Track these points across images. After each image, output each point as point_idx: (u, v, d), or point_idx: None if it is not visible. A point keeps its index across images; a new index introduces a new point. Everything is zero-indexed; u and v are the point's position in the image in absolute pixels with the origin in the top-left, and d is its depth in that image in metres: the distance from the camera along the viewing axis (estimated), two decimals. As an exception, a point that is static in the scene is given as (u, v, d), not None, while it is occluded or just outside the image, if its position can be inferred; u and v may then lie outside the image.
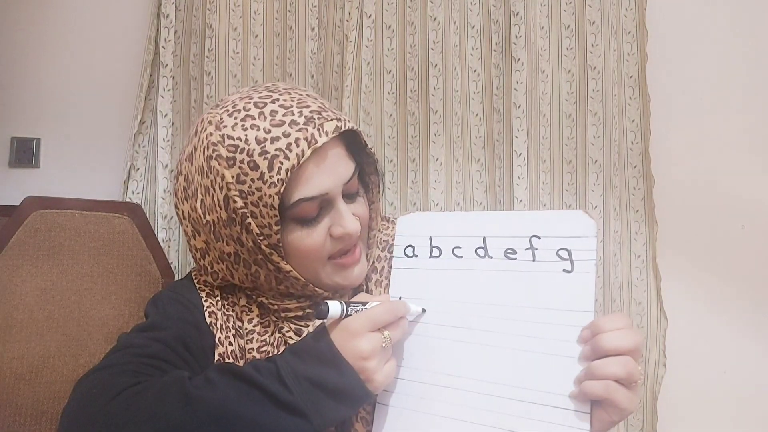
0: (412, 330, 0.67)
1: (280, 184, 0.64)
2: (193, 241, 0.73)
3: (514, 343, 0.62)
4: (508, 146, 1.27)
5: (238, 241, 0.68)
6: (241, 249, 0.69)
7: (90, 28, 1.42)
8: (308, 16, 1.34)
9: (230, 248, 0.69)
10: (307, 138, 0.64)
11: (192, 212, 0.70)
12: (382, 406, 0.66)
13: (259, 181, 0.64)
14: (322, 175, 0.66)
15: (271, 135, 0.64)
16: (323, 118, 0.67)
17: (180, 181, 0.72)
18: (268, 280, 0.71)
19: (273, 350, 0.72)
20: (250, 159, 0.64)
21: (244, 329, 0.73)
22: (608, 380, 0.55)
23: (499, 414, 0.60)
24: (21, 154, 1.40)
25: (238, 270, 0.71)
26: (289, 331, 0.72)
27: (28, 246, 1.08)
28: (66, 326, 1.09)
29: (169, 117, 1.33)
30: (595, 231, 0.61)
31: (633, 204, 1.27)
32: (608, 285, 1.24)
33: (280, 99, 0.67)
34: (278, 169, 0.63)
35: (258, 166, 0.64)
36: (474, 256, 0.66)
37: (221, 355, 0.70)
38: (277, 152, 0.64)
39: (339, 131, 0.67)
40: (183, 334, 0.70)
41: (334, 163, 0.68)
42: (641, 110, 1.26)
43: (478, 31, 1.31)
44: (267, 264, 0.69)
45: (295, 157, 0.64)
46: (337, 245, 0.70)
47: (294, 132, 0.64)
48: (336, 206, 0.69)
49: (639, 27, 1.26)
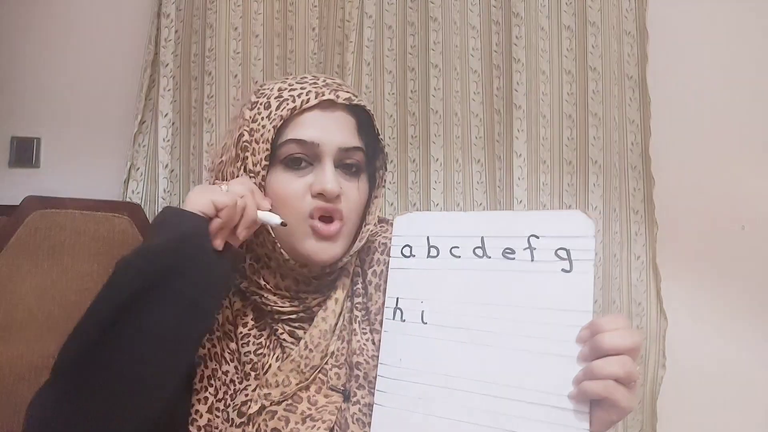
0: (410, 331, 0.67)
1: (278, 120, 0.69)
2: None
3: (513, 343, 0.62)
4: (508, 147, 1.27)
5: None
6: None
7: (90, 28, 1.42)
8: (309, 16, 1.34)
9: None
10: (317, 92, 0.71)
11: (215, 159, 0.77)
12: (379, 407, 0.66)
13: (266, 119, 0.70)
14: (319, 127, 0.70)
15: (291, 87, 0.72)
16: (341, 89, 0.72)
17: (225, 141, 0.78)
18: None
19: (269, 352, 0.72)
20: (267, 101, 0.71)
21: (239, 333, 0.73)
22: (607, 380, 0.55)
23: (498, 414, 0.60)
24: (21, 153, 1.40)
25: None
26: (283, 333, 0.72)
27: (28, 245, 1.08)
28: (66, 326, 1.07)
29: (169, 117, 1.34)
30: (594, 231, 0.61)
31: (633, 205, 1.27)
32: (608, 285, 1.24)
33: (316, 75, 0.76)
34: (283, 108, 0.70)
35: (270, 106, 0.71)
36: (472, 255, 0.66)
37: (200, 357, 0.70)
38: (288, 97, 0.71)
39: (350, 102, 0.72)
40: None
41: (337, 125, 0.72)
42: (641, 111, 1.26)
43: (478, 31, 1.31)
44: None
45: (300, 102, 0.70)
46: (315, 203, 0.70)
47: (310, 87, 0.72)
48: (323, 164, 0.70)
49: (639, 28, 1.27)
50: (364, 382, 0.71)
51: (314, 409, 0.71)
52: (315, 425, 0.71)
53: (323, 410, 0.71)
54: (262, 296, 0.73)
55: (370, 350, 0.73)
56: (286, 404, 0.70)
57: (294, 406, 0.70)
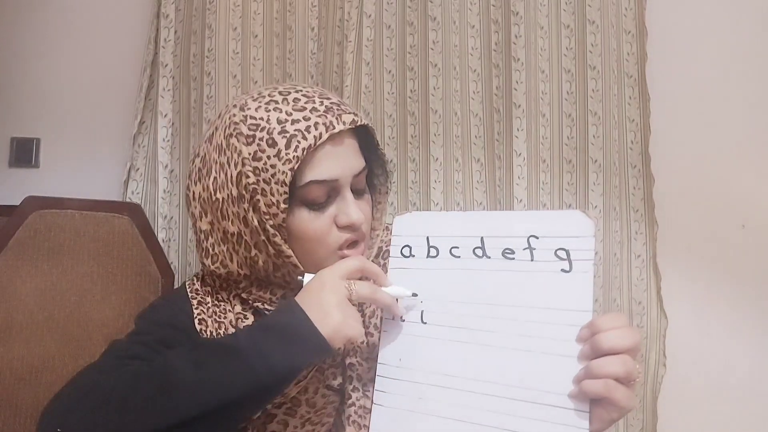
0: (410, 330, 0.67)
1: (294, 161, 0.65)
2: (199, 222, 0.73)
3: (513, 342, 0.62)
4: (507, 146, 1.27)
5: (243, 220, 0.68)
6: (245, 229, 0.69)
7: (90, 28, 1.42)
8: (308, 16, 1.34)
9: (234, 228, 0.70)
10: (325, 123, 0.67)
11: (203, 192, 0.71)
12: (378, 407, 0.66)
13: (274, 158, 0.66)
14: (334, 162, 0.68)
15: (292, 117, 0.67)
16: (342, 110, 0.69)
17: (196, 163, 0.73)
18: (266, 266, 0.71)
19: None
20: (269, 137, 0.66)
21: None
22: (607, 379, 0.55)
23: (498, 414, 0.60)
24: (21, 154, 1.40)
25: (239, 253, 0.71)
26: None
27: (28, 246, 1.08)
28: (66, 327, 1.09)
29: (168, 117, 1.34)
30: (593, 231, 0.61)
31: (633, 204, 1.27)
32: (608, 285, 1.24)
33: (303, 90, 0.71)
34: (295, 147, 0.65)
35: (276, 143, 0.66)
36: (472, 256, 0.66)
37: None
38: (296, 132, 0.66)
39: (355, 124, 0.70)
40: (167, 337, 0.71)
41: (347, 154, 0.70)
42: (641, 110, 1.26)
43: (477, 30, 1.31)
44: (268, 246, 0.69)
45: (312, 138, 0.66)
46: (342, 236, 0.70)
47: (314, 117, 0.67)
48: (343, 195, 0.70)
49: (639, 26, 1.26)
50: (358, 384, 0.71)
51: (313, 412, 0.71)
52: (314, 429, 0.71)
53: (321, 413, 0.72)
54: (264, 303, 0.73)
55: (364, 352, 0.73)
56: (286, 408, 0.70)
57: (293, 410, 0.70)
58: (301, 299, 0.62)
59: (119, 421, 0.57)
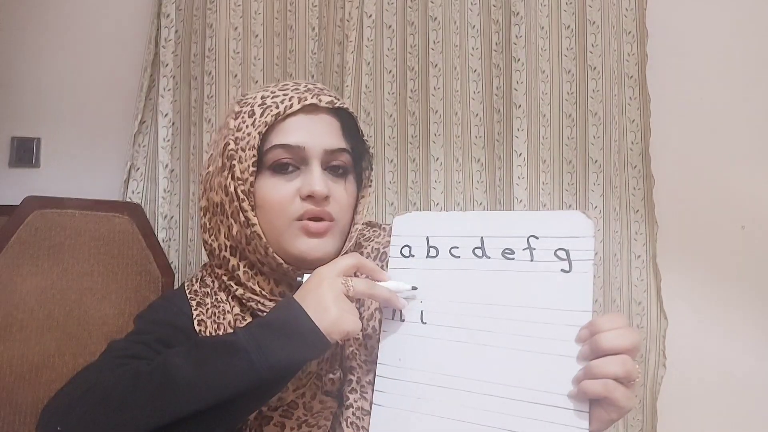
0: (409, 331, 0.67)
1: (262, 126, 0.70)
2: (201, 202, 0.79)
3: (513, 342, 0.62)
4: (508, 146, 1.27)
5: (224, 189, 0.72)
6: (225, 198, 0.72)
7: (90, 28, 1.42)
8: (308, 15, 1.34)
9: (218, 197, 0.74)
10: (300, 97, 0.72)
11: (204, 170, 0.78)
12: (378, 407, 0.66)
13: (250, 127, 0.71)
14: (304, 131, 0.72)
15: (274, 94, 0.74)
16: (323, 93, 0.74)
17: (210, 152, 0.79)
18: (239, 237, 0.73)
19: None
20: (251, 109, 0.73)
21: None
22: (607, 379, 0.55)
23: (498, 414, 0.60)
24: (21, 153, 1.40)
25: (223, 223, 0.74)
26: None
27: (28, 245, 1.08)
28: (66, 325, 1.09)
29: (169, 117, 1.34)
30: (593, 231, 0.61)
31: (633, 204, 1.27)
32: (608, 285, 1.24)
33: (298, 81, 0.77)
34: (267, 115, 0.71)
35: (254, 114, 0.72)
36: (471, 256, 0.66)
37: None
38: (272, 103, 0.72)
39: (333, 105, 0.74)
40: (166, 336, 0.71)
41: (321, 128, 0.73)
42: (641, 110, 1.26)
43: (478, 31, 1.31)
44: (239, 214, 0.71)
45: (284, 108, 0.71)
46: (304, 206, 0.71)
47: (292, 93, 0.73)
48: (311, 168, 0.71)
49: (639, 27, 1.26)
50: (356, 387, 0.71)
51: (310, 415, 0.71)
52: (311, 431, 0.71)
53: (318, 416, 0.72)
54: (258, 302, 0.73)
55: (363, 355, 0.73)
56: (282, 410, 0.71)
57: (290, 412, 0.71)
58: (299, 296, 0.62)
59: (119, 419, 0.57)
